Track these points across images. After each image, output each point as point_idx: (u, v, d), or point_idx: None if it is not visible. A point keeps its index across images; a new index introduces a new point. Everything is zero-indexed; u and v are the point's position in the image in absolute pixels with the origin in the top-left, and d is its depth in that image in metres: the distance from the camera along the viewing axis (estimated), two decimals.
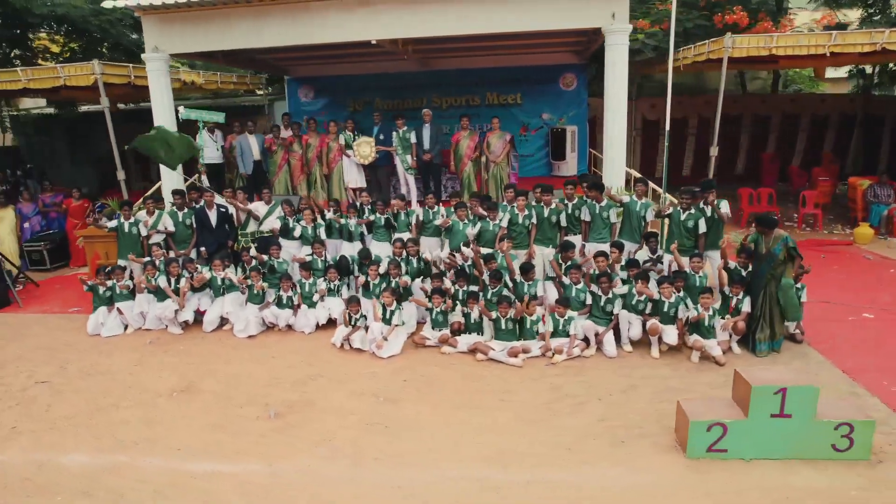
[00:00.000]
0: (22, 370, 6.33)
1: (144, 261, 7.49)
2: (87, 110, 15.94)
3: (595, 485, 4.14)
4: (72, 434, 5.05)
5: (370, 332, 6.44)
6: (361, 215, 7.98)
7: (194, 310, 7.33)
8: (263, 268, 7.39)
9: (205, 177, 8.73)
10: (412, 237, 7.54)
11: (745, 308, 6.11)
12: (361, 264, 7.27)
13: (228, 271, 7.36)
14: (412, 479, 4.26)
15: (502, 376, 5.87)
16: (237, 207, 8.06)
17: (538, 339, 6.28)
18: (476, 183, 9.46)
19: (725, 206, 6.70)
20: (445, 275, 7.07)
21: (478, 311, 6.41)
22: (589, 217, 7.29)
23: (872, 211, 10.85)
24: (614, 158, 8.19)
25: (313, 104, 12.77)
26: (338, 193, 9.38)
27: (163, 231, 7.87)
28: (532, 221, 7.28)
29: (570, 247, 6.88)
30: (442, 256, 7.25)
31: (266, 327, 7.21)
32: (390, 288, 6.63)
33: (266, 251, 7.55)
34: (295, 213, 8.01)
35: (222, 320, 7.29)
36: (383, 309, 6.53)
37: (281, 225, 7.96)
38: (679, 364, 5.99)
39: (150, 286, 7.23)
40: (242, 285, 7.26)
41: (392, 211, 7.85)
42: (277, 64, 12.03)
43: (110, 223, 7.82)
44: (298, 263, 7.44)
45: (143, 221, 7.83)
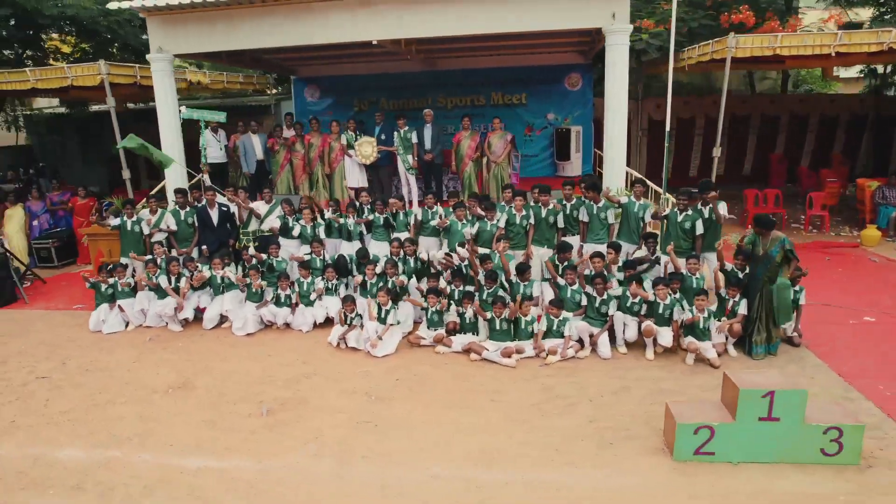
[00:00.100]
0: (24, 365, 6.45)
1: (146, 259, 7.58)
2: (98, 110, 16.15)
3: (579, 486, 4.14)
4: (68, 429, 5.14)
5: (365, 332, 6.47)
6: (361, 215, 8.02)
7: (194, 307, 7.42)
8: (262, 266, 7.46)
9: (206, 176, 8.81)
10: (409, 237, 7.56)
11: (742, 310, 6.07)
12: (359, 264, 7.31)
13: (228, 270, 7.44)
14: (398, 478, 4.29)
15: (495, 376, 5.88)
16: (239, 206, 8.13)
17: (533, 340, 6.28)
18: (477, 183, 9.47)
19: (723, 208, 6.64)
20: (442, 275, 7.09)
21: (472, 311, 6.42)
22: (587, 218, 7.26)
23: (880, 213, 10.70)
24: (614, 158, 8.17)
25: (319, 104, 12.82)
26: (339, 193, 9.43)
27: (165, 230, 7.96)
28: (530, 222, 7.27)
29: (567, 248, 6.87)
30: (438, 256, 7.27)
31: (264, 325, 7.28)
32: (385, 287, 6.66)
33: (266, 250, 7.62)
34: (294, 213, 8.07)
35: (222, 318, 7.38)
36: (379, 308, 6.56)
37: (280, 224, 8.02)
38: (673, 366, 5.95)
39: (151, 284, 7.32)
40: (241, 284, 7.33)
41: (391, 211, 7.88)
42: (283, 64, 12.11)
43: (113, 221, 7.93)
44: (297, 262, 7.49)
45: (146, 220, 7.94)
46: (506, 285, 6.79)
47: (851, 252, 9.84)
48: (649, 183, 8.74)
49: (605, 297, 6.32)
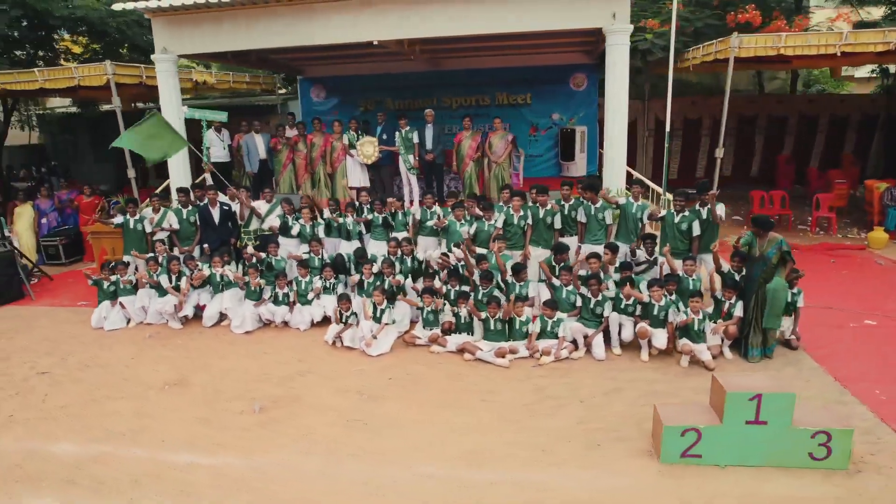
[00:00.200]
0: (26, 360, 6.56)
1: (147, 257, 7.67)
2: (108, 109, 16.36)
3: (564, 486, 4.14)
4: (64, 423, 5.22)
5: (360, 330, 6.51)
6: (360, 214, 8.06)
7: (195, 305, 7.51)
8: (261, 265, 7.52)
9: (208, 174, 8.90)
10: (407, 236, 7.59)
11: (738, 312, 6.02)
12: (357, 263, 7.35)
13: (227, 268, 7.50)
14: (383, 476, 4.31)
15: (488, 376, 5.89)
16: (242, 204, 8.20)
17: (527, 341, 6.28)
18: (478, 183, 9.47)
19: (721, 209, 6.60)
20: (438, 274, 7.11)
21: (467, 311, 6.43)
22: (584, 218, 7.24)
23: (889, 215, 10.56)
24: (614, 158, 8.13)
25: (325, 104, 12.88)
26: (341, 193, 9.48)
27: (167, 228, 8.06)
28: (527, 222, 7.27)
29: (564, 249, 6.85)
30: (434, 256, 7.29)
31: (263, 324, 7.34)
32: (381, 287, 6.69)
33: (265, 249, 7.68)
34: (294, 212, 8.13)
35: (221, 316, 7.45)
36: (374, 307, 6.59)
37: (280, 223, 8.08)
38: (667, 368, 5.92)
39: (152, 281, 7.41)
40: (240, 282, 7.39)
41: (389, 210, 7.91)
42: (289, 64, 12.19)
43: (116, 220, 8.04)
44: (296, 261, 7.54)
45: (149, 218, 8.04)
46: (502, 286, 6.79)
47: (858, 254, 9.71)
48: (650, 184, 8.70)
49: (600, 299, 6.30)
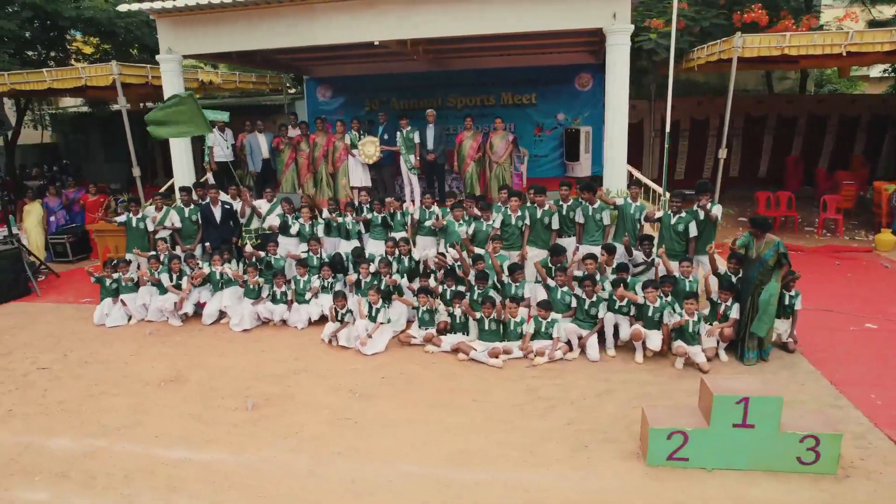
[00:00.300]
0: (27, 356, 6.67)
1: (149, 255, 7.77)
2: (118, 109, 16.55)
3: (548, 487, 4.13)
4: (61, 418, 5.31)
5: (355, 329, 6.54)
6: (359, 213, 8.10)
7: (195, 302, 7.59)
8: (261, 264, 7.58)
9: (210, 174, 8.99)
10: (405, 236, 7.61)
11: (734, 315, 5.97)
12: (355, 262, 7.39)
13: (227, 266, 7.57)
14: (369, 474, 4.34)
15: (481, 376, 5.89)
16: (244, 203, 8.26)
17: (521, 341, 6.27)
18: (479, 183, 9.48)
19: (718, 210, 6.55)
20: (435, 274, 7.12)
21: (461, 311, 6.44)
22: (582, 219, 7.23)
23: None
24: (614, 158, 8.11)
25: (331, 103, 12.96)
26: (343, 192, 9.52)
27: (169, 227, 8.15)
28: (525, 223, 7.26)
29: (561, 251, 6.84)
30: (430, 256, 7.31)
31: (261, 322, 7.40)
32: (377, 286, 6.72)
33: (265, 248, 7.75)
34: (294, 211, 8.19)
35: (221, 314, 7.52)
36: (369, 307, 6.62)
37: (280, 222, 8.14)
38: (662, 370, 5.89)
39: (153, 279, 7.50)
40: (239, 280, 7.46)
41: (388, 210, 7.94)
42: (295, 64, 12.28)
43: (119, 218, 8.14)
44: (295, 260, 7.60)
45: (151, 217, 8.14)
46: (498, 286, 6.79)
47: (863, 257, 9.59)
48: (651, 184, 8.66)
49: (595, 300, 6.28)
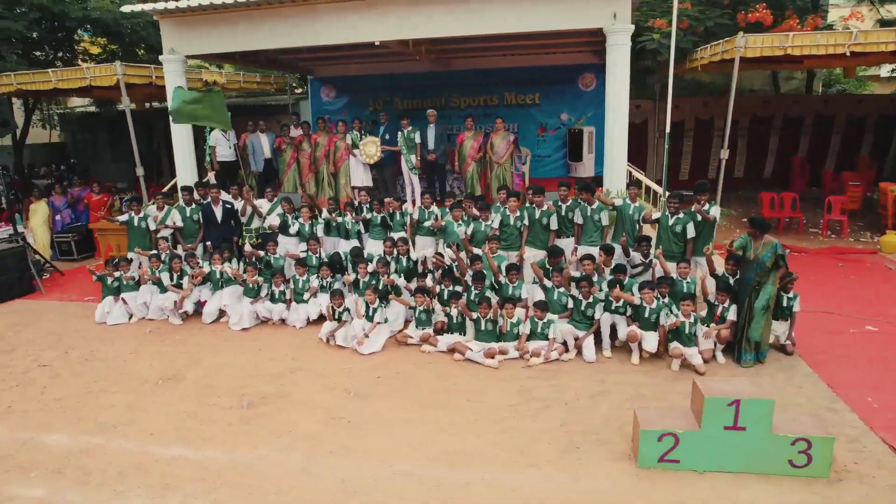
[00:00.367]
0: (29, 353, 6.75)
1: (150, 254, 7.83)
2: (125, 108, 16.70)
3: (537, 488, 4.13)
4: (59, 415, 5.36)
5: (352, 329, 6.56)
6: (359, 213, 8.12)
7: (195, 301, 7.64)
8: (260, 263, 7.62)
9: (212, 174, 9.04)
10: (404, 236, 7.63)
11: (731, 316, 5.94)
12: (354, 262, 7.41)
13: (227, 265, 7.62)
14: (359, 474, 4.35)
15: (476, 377, 5.90)
16: (245, 202, 8.31)
17: (517, 342, 6.27)
18: (480, 183, 9.48)
19: (716, 211, 6.51)
20: (433, 274, 7.13)
21: (458, 311, 6.45)
22: (581, 220, 7.21)
23: None
24: (615, 158, 8.09)
25: (335, 103, 13.00)
26: (344, 192, 9.55)
27: (171, 226, 8.21)
28: (523, 223, 7.26)
29: (559, 253, 6.82)
30: (428, 256, 7.32)
31: (260, 321, 7.44)
32: (374, 286, 6.74)
33: (265, 247, 7.79)
34: (294, 211, 8.22)
35: (221, 312, 7.56)
36: (366, 306, 6.64)
37: (280, 221, 8.18)
38: (657, 372, 5.87)
39: (154, 278, 7.56)
40: (239, 279, 7.50)
41: (388, 210, 7.95)
42: (299, 64, 12.32)
43: (121, 217, 8.21)
44: (294, 259, 7.63)
45: (153, 216, 8.20)
46: (496, 286, 6.79)
47: (868, 259, 9.50)
48: (652, 184, 8.63)
49: (591, 301, 6.26)
